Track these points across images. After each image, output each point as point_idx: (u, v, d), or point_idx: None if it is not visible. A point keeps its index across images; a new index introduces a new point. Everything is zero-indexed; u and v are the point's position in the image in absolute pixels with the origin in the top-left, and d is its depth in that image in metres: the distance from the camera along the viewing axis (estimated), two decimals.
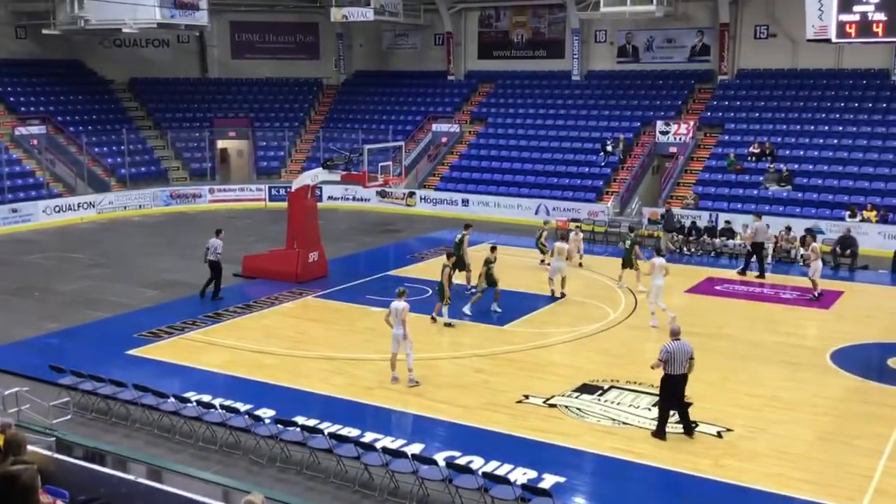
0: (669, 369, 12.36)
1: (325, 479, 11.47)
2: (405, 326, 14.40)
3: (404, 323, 14.38)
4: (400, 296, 14.63)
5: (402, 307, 14.44)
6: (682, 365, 12.34)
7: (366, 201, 34.88)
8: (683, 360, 12.34)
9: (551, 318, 19.07)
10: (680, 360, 12.32)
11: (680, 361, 12.32)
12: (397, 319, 14.41)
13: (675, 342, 12.42)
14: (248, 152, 39.87)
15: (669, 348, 12.36)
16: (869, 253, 24.87)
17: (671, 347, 12.36)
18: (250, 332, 17.89)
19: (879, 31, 21.67)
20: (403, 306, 14.46)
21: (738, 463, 11.80)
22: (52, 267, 24.39)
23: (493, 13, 39.82)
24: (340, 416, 13.23)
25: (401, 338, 14.45)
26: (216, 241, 20.50)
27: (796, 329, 18.29)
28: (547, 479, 11.20)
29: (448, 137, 37.68)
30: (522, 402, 13.96)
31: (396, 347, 14.57)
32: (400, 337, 14.46)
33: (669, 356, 12.32)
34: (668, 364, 12.34)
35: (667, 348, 12.39)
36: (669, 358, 12.31)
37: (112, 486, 8.35)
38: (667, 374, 12.41)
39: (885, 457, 12.00)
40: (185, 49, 41.37)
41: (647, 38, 36.48)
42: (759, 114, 32.62)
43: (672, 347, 12.36)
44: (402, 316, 14.38)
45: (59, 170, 33.93)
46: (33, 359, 15.84)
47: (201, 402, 13.04)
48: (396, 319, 14.43)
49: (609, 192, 31.95)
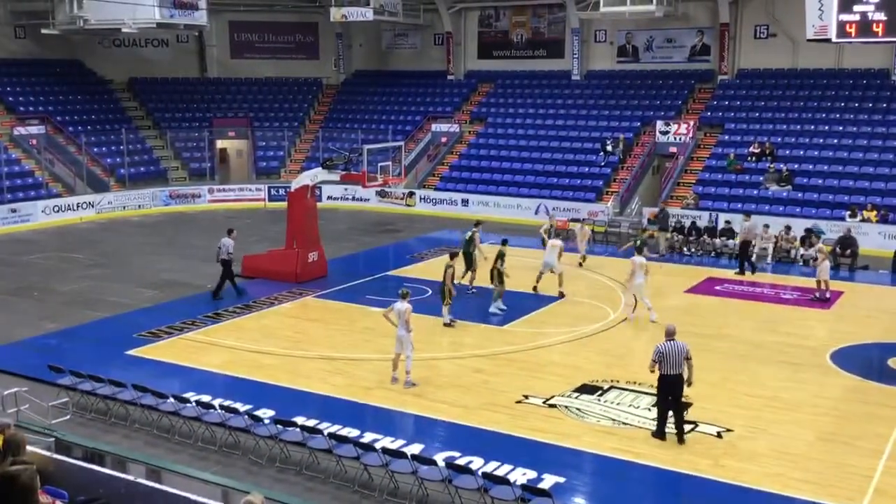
0: (664, 369, 12.32)
1: (325, 480, 11.45)
2: (409, 328, 14.39)
3: (408, 324, 14.38)
4: (403, 297, 14.62)
5: (406, 308, 14.42)
6: (676, 365, 12.28)
7: (365, 201, 34.87)
8: (678, 360, 12.28)
9: (551, 318, 19.05)
10: (674, 360, 12.26)
11: (674, 361, 12.27)
12: (401, 320, 14.40)
13: (669, 342, 12.39)
14: (248, 152, 39.86)
15: (661, 348, 12.34)
16: (869, 253, 24.87)
17: (663, 347, 12.34)
18: (250, 332, 17.87)
19: (879, 30, 21.63)
20: (406, 307, 14.44)
21: (738, 463, 11.79)
22: (52, 267, 24.37)
23: (492, 13, 39.81)
24: (340, 416, 13.22)
25: (404, 339, 14.44)
26: (228, 240, 20.55)
27: (796, 329, 18.27)
28: (547, 480, 11.19)
29: (448, 137, 37.68)
30: (522, 402, 13.94)
31: (400, 348, 14.57)
32: (403, 338, 14.45)
33: (661, 356, 12.29)
34: (661, 364, 12.31)
35: (659, 348, 12.37)
36: (662, 358, 12.28)
37: (111, 486, 8.33)
38: (662, 375, 12.38)
39: (885, 457, 11.99)
40: (184, 49, 41.37)
41: (647, 38, 36.48)
42: (759, 114, 32.62)
43: (664, 347, 12.33)
44: (406, 317, 14.37)
45: (58, 170, 33.92)
46: (32, 359, 15.83)
47: (200, 402, 13.03)
48: (400, 320, 14.42)
49: (609, 192, 31.94)
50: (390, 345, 17.04)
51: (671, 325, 12.77)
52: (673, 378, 12.33)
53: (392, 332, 14.72)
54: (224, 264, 20.39)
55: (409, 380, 14.58)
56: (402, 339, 14.47)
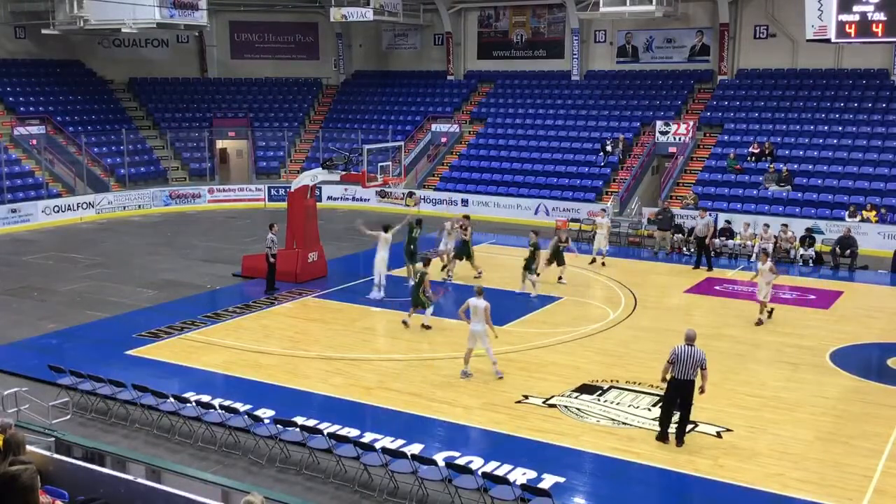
0: (675, 372, 12.19)
1: (325, 480, 11.46)
2: (487, 323, 14.70)
3: (487, 320, 14.69)
4: (479, 294, 14.90)
5: (484, 305, 14.67)
6: (689, 371, 12.11)
7: (365, 201, 34.88)
8: (691, 366, 12.09)
9: (551, 318, 19.05)
10: (687, 365, 12.10)
11: (687, 366, 12.10)
12: (477, 316, 14.66)
13: (687, 346, 12.18)
14: (248, 152, 39.84)
15: (677, 350, 12.19)
16: (869, 253, 24.87)
17: (679, 350, 12.18)
18: (249, 332, 17.87)
19: (879, 31, 21.69)
20: (485, 305, 14.69)
21: (737, 463, 11.79)
22: (52, 267, 24.38)
23: (492, 13, 39.82)
24: (340, 416, 13.23)
25: (480, 334, 14.68)
26: (270, 235, 21.06)
27: (796, 329, 18.27)
28: (547, 479, 11.20)
29: (447, 137, 37.69)
30: (522, 402, 13.95)
31: (473, 343, 14.83)
32: (479, 333, 14.69)
33: (676, 358, 12.15)
34: (674, 366, 12.18)
35: (675, 350, 12.23)
36: (675, 360, 12.14)
37: (111, 486, 8.33)
38: (672, 377, 12.27)
39: (885, 457, 12.00)
40: (184, 49, 41.38)
41: (647, 38, 36.48)
42: (759, 114, 32.62)
43: (679, 350, 12.17)
44: (483, 314, 14.62)
45: (58, 170, 33.91)
46: (32, 359, 15.85)
47: (200, 402, 13.03)
48: (476, 316, 14.67)
49: (609, 192, 31.94)
50: (390, 345, 17.12)
51: (691, 331, 12.49)
52: (682, 383, 12.19)
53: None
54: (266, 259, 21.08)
55: (498, 369, 14.85)
56: (477, 333, 14.73)
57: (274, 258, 21.08)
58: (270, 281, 21.11)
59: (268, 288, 21.05)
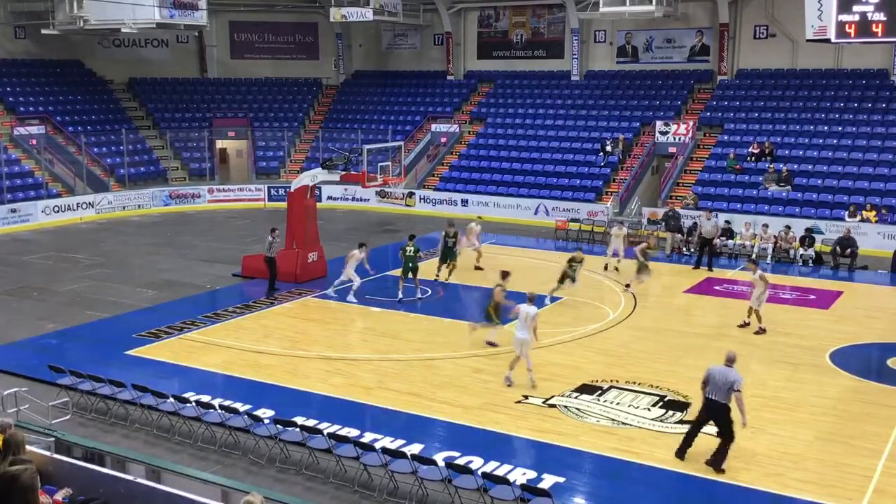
0: (708, 391, 11.68)
1: (325, 480, 11.46)
2: (534, 331, 14.48)
3: (534, 329, 14.47)
4: (531, 300, 14.71)
5: (535, 312, 14.50)
6: (721, 391, 11.44)
7: (365, 201, 34.87)
8: (722, 387, 11.43)
9: (551, 318, 19.03)
10: (717, 385, 11.47)
11: (717, 386, 11.47)
12: (524, 322, 14.41)
13: (722, 367, 11.66)
14: (248, 152, 39.85)
15: (710, 370, 11.68)
16: (868, 253, 24.86)
17: (712, 369, 11.68)
18: (249, 332, 17.86)
19: (879, 31, 21.67)
20: (536, 312, 14.54)
21: (738, 463, 11.78)
22: (51, 267, 24.37)
23: (492, 13, 39.82)
24: (339, 416, 13.22)
25: (525, 342, 14.43)
26: (270, 238, 21.14)
27: (796, 329, 18.27)
28: (546, 480, 11.19)
29: (447, 137, 37.69)
30: (522, 402, 13.95)
31: (520, 350, 14.50)
32: (525, 340, 14.42)
33: (708, 378, 11.64)
34: (706, 385, 11.69)
35: (709, 370, 11.70)
36: (709, 379, 11.64)
37: (111, 486, 8.33)
38: (706, 396, 11.73)
39: (885, 457, 12.00)
40: (184, 49, 41.37)
41: (647, 39, 36.49)
42: (759, 114, 32.63)
43: (712, 369, 11.68)
44: (533, 322, 14.39)
45: (58, 170, 33.91)
46: (32, 359, 15.84)
47: (200, 402, 13.02)
48: (523, 322, 14.42)
49: (608, 192, 31.94)
50: (390, 345, 17.08)
51: (732, 353, 11.87)
52: (714, 404, 11.55)
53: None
54: (269, 261, 21.09)
55: (532, 377, 14.55)
56: (523, 341, 14.44)
57: (273, 260, 21.01)
58: (272, 282, 21.09)
59: (269, 289, 21.04)
